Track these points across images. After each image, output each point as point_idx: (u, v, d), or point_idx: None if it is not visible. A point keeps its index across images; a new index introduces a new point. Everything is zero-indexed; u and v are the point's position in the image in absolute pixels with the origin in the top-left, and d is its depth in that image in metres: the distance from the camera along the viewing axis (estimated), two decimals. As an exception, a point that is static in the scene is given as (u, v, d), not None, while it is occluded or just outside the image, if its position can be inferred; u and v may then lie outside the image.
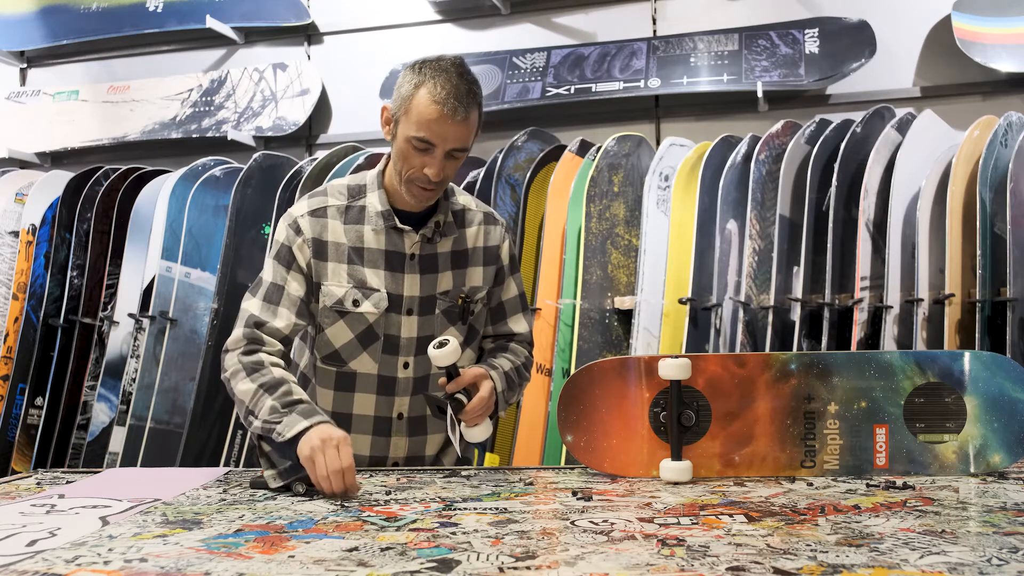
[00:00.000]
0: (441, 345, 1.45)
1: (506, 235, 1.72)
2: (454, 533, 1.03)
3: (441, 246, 1.62)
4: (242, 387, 1.49)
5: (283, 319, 1.54)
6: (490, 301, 1.70)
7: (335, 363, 1.59)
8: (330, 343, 1.59)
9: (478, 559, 0.91)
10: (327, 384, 1.61)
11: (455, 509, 1.18)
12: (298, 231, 1.58)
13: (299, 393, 1.46)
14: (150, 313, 2.95)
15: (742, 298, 2.59)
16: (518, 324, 1.72)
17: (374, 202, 1.59)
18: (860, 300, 2.50)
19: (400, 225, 1.57)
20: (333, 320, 1.58)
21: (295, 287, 1.56)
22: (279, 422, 1.40)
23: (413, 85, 1.48)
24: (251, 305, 1.56)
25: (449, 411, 1.51)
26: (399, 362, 1.59)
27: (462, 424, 1.53)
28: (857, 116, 2.73)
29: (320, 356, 1.60)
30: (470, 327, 1.65)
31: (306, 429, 1.36)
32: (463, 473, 1.51)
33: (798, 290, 2.58)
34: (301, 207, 1.61)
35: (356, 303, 1.56)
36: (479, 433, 1.53)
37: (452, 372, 1.49)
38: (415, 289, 1.59)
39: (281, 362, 1.52)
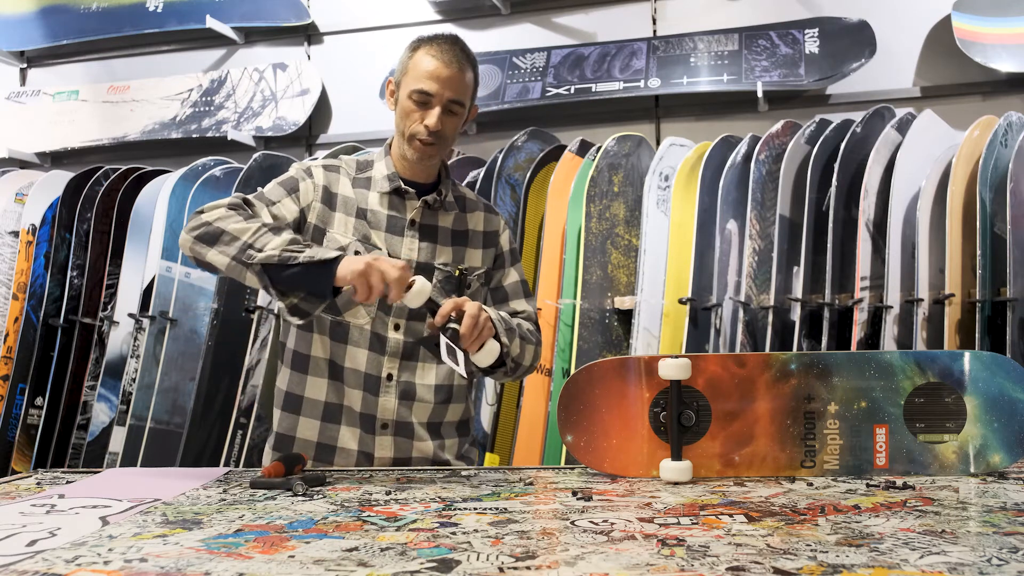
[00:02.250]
0: (409, 287, 1.43)
1: (506, 227, 1.77)
2: (454, 533, 1.03)
3: (443, 220, 1.68)
4: (238, 225, 1.49)
5: (266, 217, 1.57)
6: (490, 283, 1.73)
7: (331, 311, 1.62)
8: None
9: (478, 559, 0.91)
10: (323, 331, 1.63)
11: (455, 509, 1.18)
12: (310, 174, 1.66)
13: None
14: (150, 313, 2.95)
15: (742, 298, 2.59)
16: (520, 304, 1.73)
17: (380, 168, 1.68)
18: (860, 300, 2.50)
19: (404, 187, 1.65)
20: None
21: (288, 208, 1.61)
22: (302, 251, 1.43)
23: (411, 49, 1.63)
24: (240, 194, 1.60)
25: (444, 340, 1.44)
26: (391, 322, 1.63)
27: (464, 353, 1.46)
28: (857, 116, 2.73)
29: None
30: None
31: (340, 256, 1.42)
32: (463, 473, 1.51)
33: (798, 290, 2.58)
34: (316, 161, 1.71)
35: (357, 254, 1.60)
36: (486, 356, 1.48)
37: (432, 309, 1.46)
38: (413, 254, 1.64)
39: None
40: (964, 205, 2.51)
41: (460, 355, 1.45)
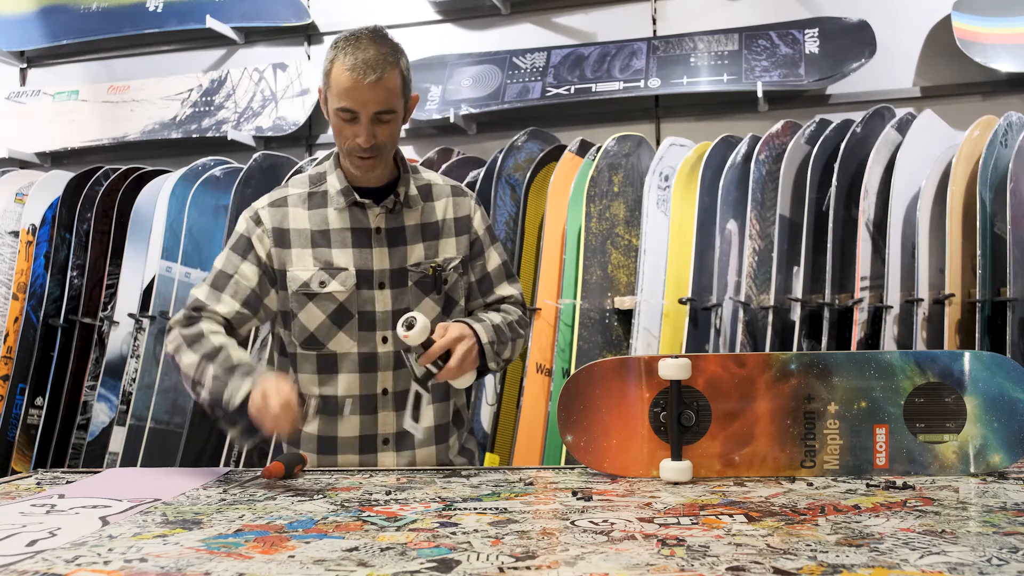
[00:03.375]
0: (410, 326, 1.45)
1: (477, 207, 1.74)
2: (454, 533, 1.03)
3: (408, 218, 1.65)
4: (186, 360, 1.53)
5: (226, 305, 1.58)
6: (473, 273, 1.71)
7: (314, 347, 1.61)
8: (305, 327, 1.61)
9: (478, 559, 0.91)
10: (310, 370, 1.63)
11: (455, 509, 1.18)
12: (258, 222, 1.63)
13: (238, 356, 1.51)
14: (150, 313, 2.95)
15: (742, 298, 2.59)
16: (505, 289, 1.73)
17: (334, 182, 1.64)
18: (860, 300, 2.50)
19: (360, 200, 1.61)
20: (302, 304, 1.60)
21: (246, 276, 1.60)
22: (223, 390, 1.45)
23: (330, 60, 1.56)
24: (198, 291, 1.62)
25: (413, 388, 1.55)
26: (377, 337, 1.62)
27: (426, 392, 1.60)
28: (857, 116, 2.73)
29: (299, 343, 1.62)
30: (447, 297, 1.66)
31: (249, 392, 1.42)
32: (463, 473, 1.51)
33: (798, 290, 2.58)
34: (262, 200, 1.67)
35: (323, 284, 1.59)
36: (463, 382, 1.56)
37: (426, 346, 1.49)
38: (384, 262, 1.62)
39: (221, 330, 1.57)
40: (964, 205, 2.51)
41: (424, 401, 1.59)
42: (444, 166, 3.06)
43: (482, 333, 1.56)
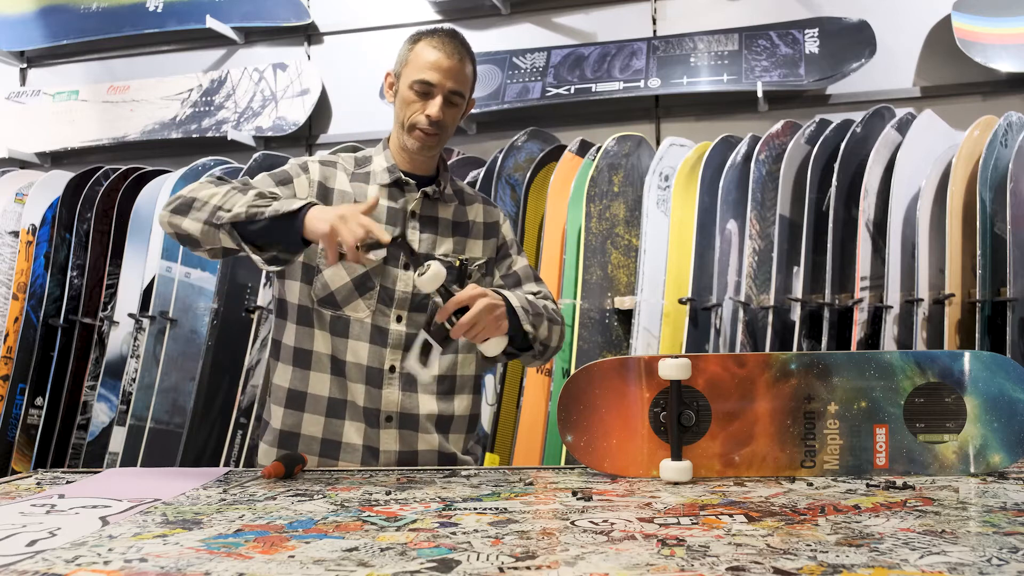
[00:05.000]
0: (422, 272, 1.43)
1: (506, 218, 1.79)
2: (454, 533, 1.03)
3: (442, 211, 1.69)
4: (206, 192, 1.50)
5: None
6: (500, 270, 1.74)
7: (330, 306, 1.62)
8: (327, 285, 1.62)
9: (478, 559, 0.91)
10: (323, 326, 1.63)
11: (455, 509, 1.18)
12: (305, 170, 1.67)
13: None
14: (150, 313, 2.95)
15: (742, 298, 2.59)
16: (533, 287, 1.74)
17: (380, 162, 1.69)
18: (860, 300, 2.50)
19: (404, 178, 1.66)
20: None
21: (278, 196, 1.57)
22: (268, 205, 1.43)
23: (411, 42, 1.65)
24: None
25: (423, 335, 1.50)
26: (392, 314, 1.63)
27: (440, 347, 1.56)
28: (857, 116, 2.73)
29: (317, 298, 1.63)
30: None
31: (306, 206, 1.41)
32: (463, 473, 1.51)
33: (798, 290, 2.58)
34: (311, 157, 1.72)
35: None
36: (490, 348, 1.51)
37: (444, 296, 1.46)
38: (414, 245, 1.64)
39: None
40: (964, 205, 2.51)
41: (435, 352, 1.54)
42: (444, 166, 3.06)
43: (512, 298, 1.55)
